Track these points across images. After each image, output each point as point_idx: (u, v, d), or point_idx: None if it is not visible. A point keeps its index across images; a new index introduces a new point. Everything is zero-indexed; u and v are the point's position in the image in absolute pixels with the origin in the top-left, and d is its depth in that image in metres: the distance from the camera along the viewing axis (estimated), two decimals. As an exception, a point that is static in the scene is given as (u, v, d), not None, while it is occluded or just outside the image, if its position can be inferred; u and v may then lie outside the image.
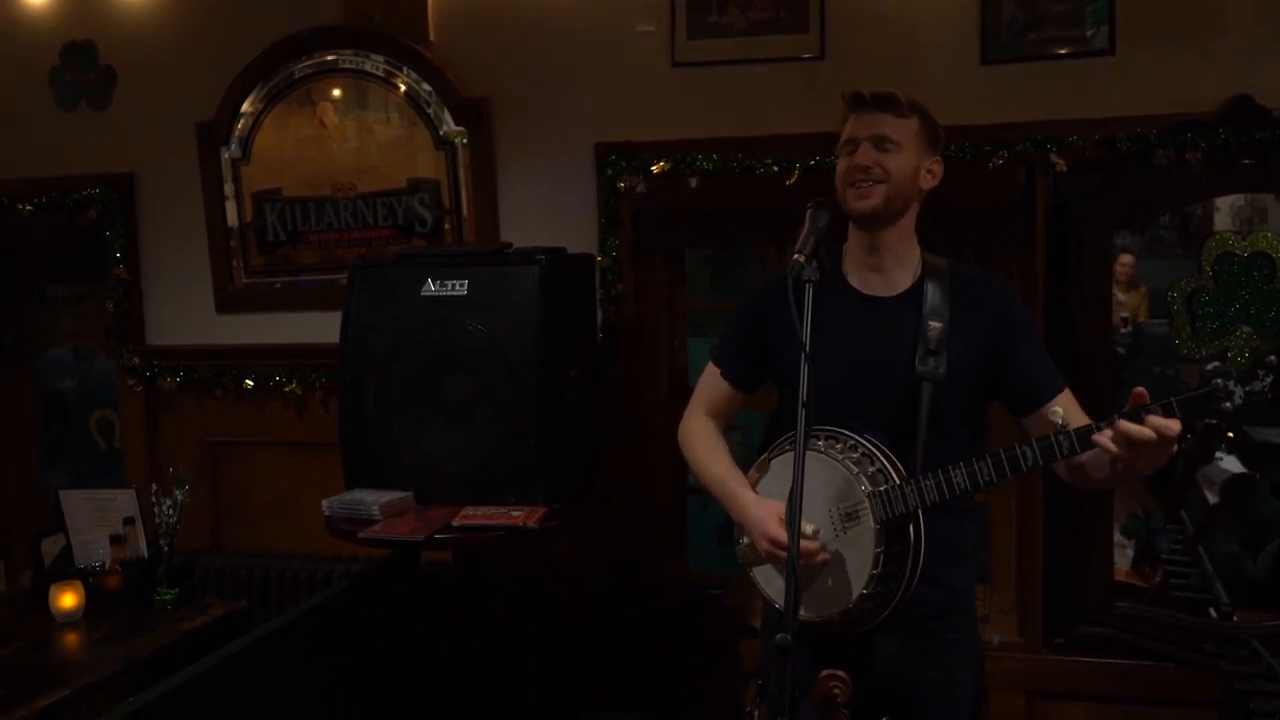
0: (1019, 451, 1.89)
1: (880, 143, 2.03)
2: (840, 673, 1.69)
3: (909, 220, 2.11)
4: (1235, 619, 3.06)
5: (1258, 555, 3.81)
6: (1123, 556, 3.71)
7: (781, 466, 2.06)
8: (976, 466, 1.93)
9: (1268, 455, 4.14)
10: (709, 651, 3.31)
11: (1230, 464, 4.16)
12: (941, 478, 1.94)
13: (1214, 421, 1.90)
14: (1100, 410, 2.36)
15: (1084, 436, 1.82)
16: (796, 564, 1.73)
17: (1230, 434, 1.85)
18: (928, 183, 2.09)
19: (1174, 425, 1.73)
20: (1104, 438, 1.77)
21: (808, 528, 1.97)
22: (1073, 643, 3.08)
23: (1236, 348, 2.99)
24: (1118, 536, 3.54)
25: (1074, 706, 3.10)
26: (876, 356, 2.07)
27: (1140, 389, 1.78)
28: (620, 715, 3.33)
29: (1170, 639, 3.02)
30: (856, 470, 1.98)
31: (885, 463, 1.99)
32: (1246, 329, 2.98)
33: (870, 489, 1.97)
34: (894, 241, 2.09)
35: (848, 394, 2.05)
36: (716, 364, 2.29)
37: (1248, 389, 1.76)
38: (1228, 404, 1.79)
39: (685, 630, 3.34)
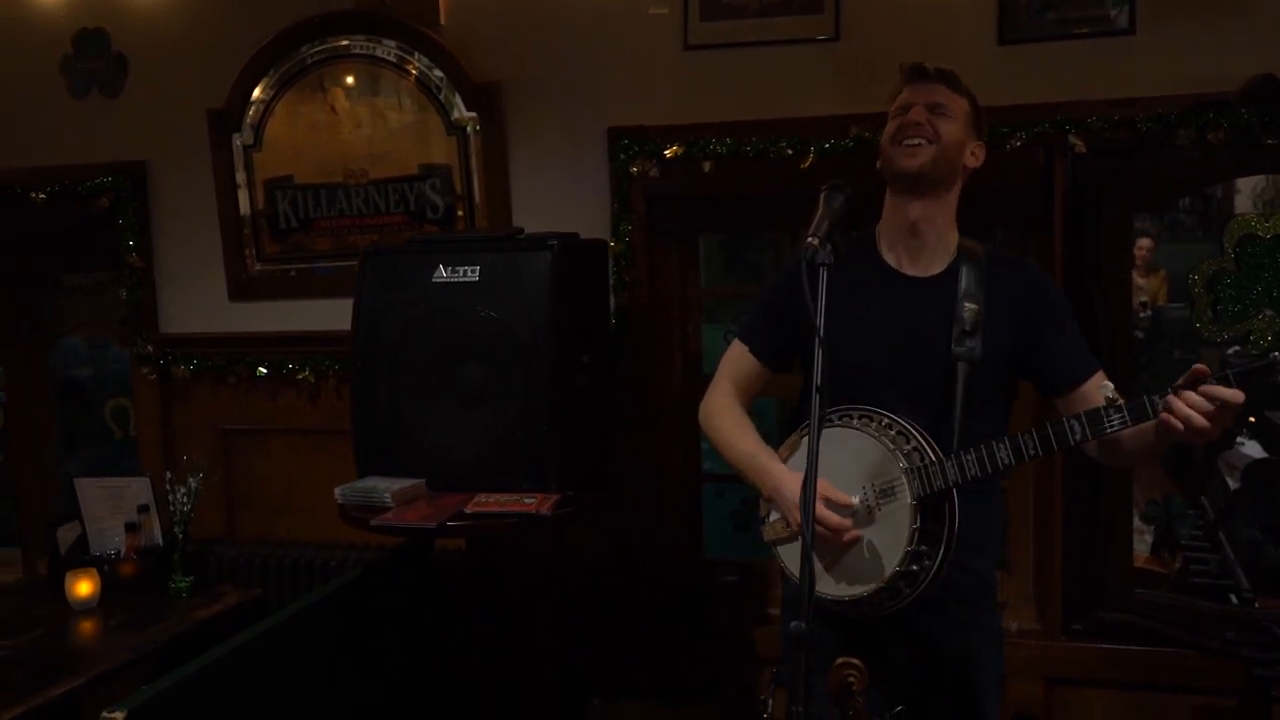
0: (1067, 425, 1.88)
1: (934, 108, 2.05)
2: (856, 660, 1.66)
3: (952, 199, 2.11)
4: (1257, 605, 3.02)
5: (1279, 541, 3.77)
6: (1142, 543, 3.66)
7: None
8: (1022, 440, 1.92)
9: (1290, 440, 4.09)
10: (723, 638, 3.30)
11: (1252, 449, 4.11)
12: (984, 452, 1.93)
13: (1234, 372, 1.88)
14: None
15: (1136, 410, 1.82)
16: (811, 550, 1.70)
17: (1252, 418, 1.82)
18: (972, 162, 2.11)
19: (1239, 395, 1.73)
20: (1189, 398, 1.75)
21: (852, 499, 1.97)
22: (1092, 629, 3.05)
23: (1259, 331, 2.94)
24: (1137, 522, 3.49)
25: (1093, 694, 3.08)
26: (912, 337, 2.06)
27: (1201, 365, 1.78)
28: (633, 702, 3.32)
29: (1190, 626, 2.99)
30: (893, 447, 1.97)
31: (921, 441, 1.98)
32: (1270, 312, 2.93)
33: (908, 465, 1.96)
34: (937, 218, 2.09)
35: (883, 374, 2.05)
36: (744, 340, 2.26)
37: None
38: None
39: (699, 616, 3.33)
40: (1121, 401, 1.84)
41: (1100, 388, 1.89)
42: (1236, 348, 3.65)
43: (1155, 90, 2.88)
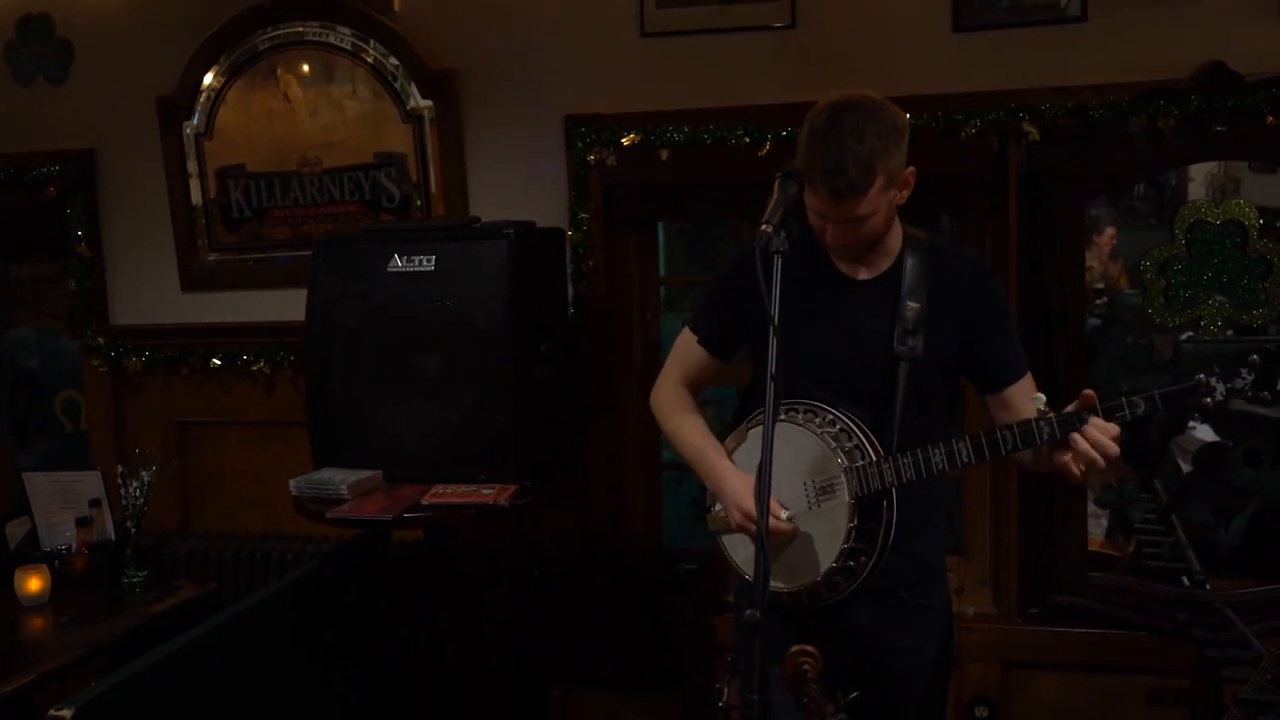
0: (999, 435, 1.91)
1: (850, 223, 1.96)
2: (810, 648, 1.67)
3: (893, 223, 2.07)
4: (1208, 587, 3.06)
5: (1230, 523, 3.82)
6: (1097, 526, 3.71)
7: (760, 437, 2.04)
8: (956, 447, 1.94)
9: (1240, 424, 4.15)
10: (683, 626, 3.30)
11: (1203, 433, 4.16)
12: (920, 457, 1.95)
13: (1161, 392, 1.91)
14: (1073, 384, 2.36)
15: (1066, 423, 1.84)
16: (765, 541, 1.71)
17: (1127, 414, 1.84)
18: (902, 199, 2.01)
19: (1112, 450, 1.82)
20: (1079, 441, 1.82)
21: (782, 512, 1.98)
22: (1047, 613, 3.08)
23: (1209, 317, 2.98)
24: (1092, 507, 3.54)
25: (1048, 676, 3.11)
26: (856, 336, 2.07)
27: (1089, 392, 1.84)
28: (594, 691, 3.32)
29: (1144, 608, 3.02)
30: (834, 445, 1.99)
31: (862, 438, 2.00)
32: (1220, 298, 2.97)
33: (847, 464, 1.97)
34: (880, 244, 2.08)
35: (827, 371, 2.06)
36: (693, 330, 2.26)
37: (1229, 386, 1.77)
38: (1209, 399, 1.80)
39: (660, 606, 3.33)
40: (1052, 415, 1.86)
41: (1033, 399, 1.90)
42: (1189, 333, 3.69)
43: (1107, 78, 2.89)
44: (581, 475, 3.26)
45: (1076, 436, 1.82)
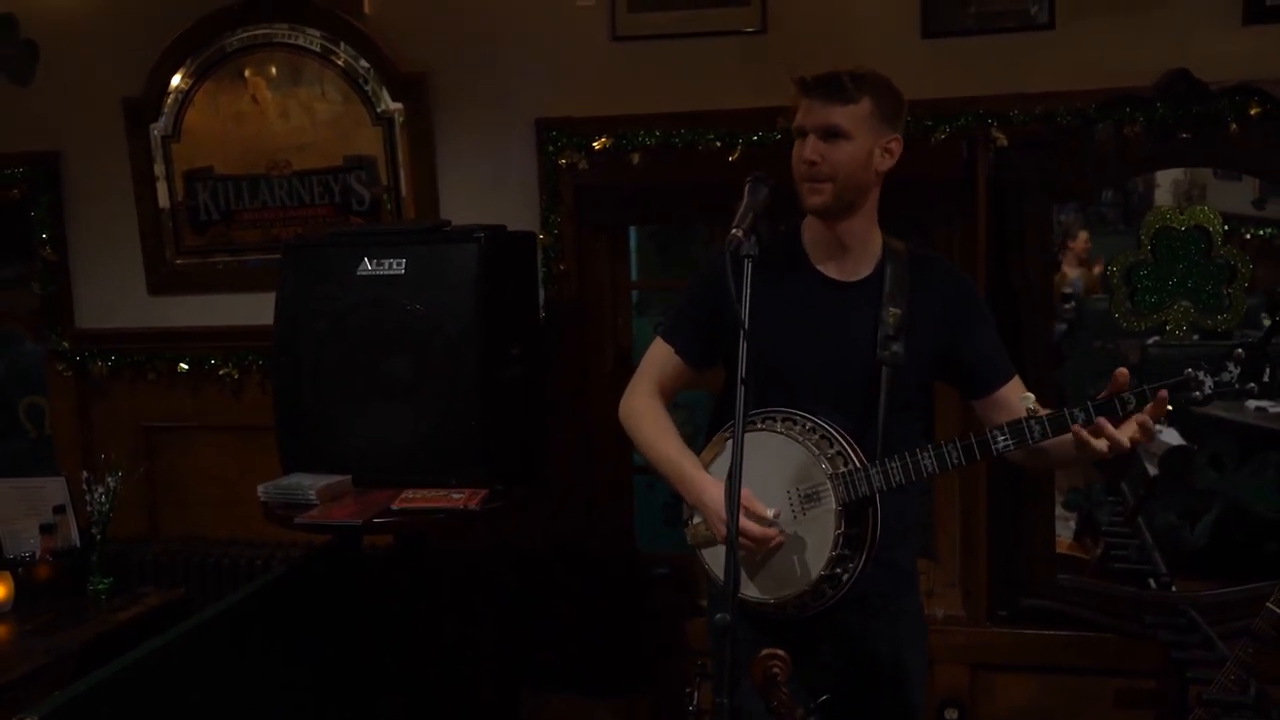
0: (990, 436, 1.91)
1: (828, 134, 1.97)
2: (780, 651, 1.67)
3: (870, 206, 2.08)
4: (1174, 589, 3.09)
5: (1195, 526, 3.87)
6: (1065, 529, 3.74)
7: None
8: (945, 450, 1.94)
9: (1206, 427, 4.20)
10: (655, 629, 3.30)
11: (1170, 436, 4.21)
12: (909, 460, 1.95)
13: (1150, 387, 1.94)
14: (1040, 387, 2.37)
15: (1057, 423, 1.86)
16: (735, 542, 1.71)
17: (1170, 406, 1.87)
18: (884, 164, 2.03)
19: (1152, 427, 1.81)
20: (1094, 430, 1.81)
21: (770, 512, 1.96)
22: (1015, 615, 3.10)
23: (1175, 321, 3.01)
24: (1059, 509, 3.57)
25: (1016, 678, 3.13)
26: (838, 342, 2.06)
27: (1123, 369, 1.83)
28: (565, 694, 3.31)
29: (1111, 610, 3.05)
30: (818, 452, 1.98)
31: (844, 445, 1.99)
32: (1185, 303, 3.00)
33: (832, 470, 1.96)
34: (857, 229, 2.08)
35: (808, 378, 2.05)
36: (668, 340, 2.23)
37: (1216, 379, 1.81)
38: (1198, 393, 1.82)
39: (631, 609, 3.32)
40: (1043, 413, 1.87)
41: (1022, 398, 1.93)
42: (1155, 338, 3.73)
43: (1074, 84, 2.92)
44: (553, 479, 3.25)
45: (1102, 422, 1.81)
